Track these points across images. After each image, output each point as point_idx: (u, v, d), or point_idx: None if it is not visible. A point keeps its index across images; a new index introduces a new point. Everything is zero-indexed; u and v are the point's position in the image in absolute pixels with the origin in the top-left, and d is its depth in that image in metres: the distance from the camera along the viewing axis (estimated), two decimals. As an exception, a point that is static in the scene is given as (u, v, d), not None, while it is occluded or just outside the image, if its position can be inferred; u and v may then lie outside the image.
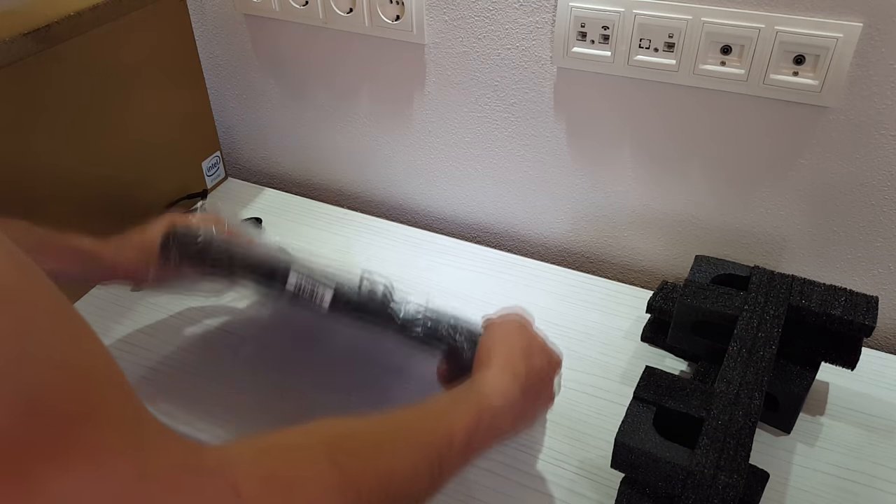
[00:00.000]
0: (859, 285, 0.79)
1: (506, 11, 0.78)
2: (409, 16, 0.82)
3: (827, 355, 0.65)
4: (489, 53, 0.82)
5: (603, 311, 0.81)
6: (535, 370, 0.55)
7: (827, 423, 0.67)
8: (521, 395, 0.53)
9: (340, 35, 0.89)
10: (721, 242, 0.83)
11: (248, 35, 0.96)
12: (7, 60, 0.68)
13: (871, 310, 0.62)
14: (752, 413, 0.55)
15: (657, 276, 0.90)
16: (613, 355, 0.75)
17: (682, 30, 0.70)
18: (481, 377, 0.53)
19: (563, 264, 0.91)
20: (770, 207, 0.78)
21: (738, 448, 0.52)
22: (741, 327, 0.62)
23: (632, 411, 0.57)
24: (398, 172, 0.99)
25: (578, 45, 0.75)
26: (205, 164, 1.00)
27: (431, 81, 0.88)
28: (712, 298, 0.66)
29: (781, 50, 0.67)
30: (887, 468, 0.63)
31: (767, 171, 0.76)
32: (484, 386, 0.52)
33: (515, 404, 0.52)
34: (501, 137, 0.88)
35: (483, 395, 0.51)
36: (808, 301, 0.63)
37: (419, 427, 0.45)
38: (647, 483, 0.56)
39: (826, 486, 0.62)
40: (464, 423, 0.47)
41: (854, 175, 0.72)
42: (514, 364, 0.54)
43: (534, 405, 0.57)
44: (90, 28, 0.76)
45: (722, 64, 0.70)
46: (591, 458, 0.64)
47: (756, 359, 0.59)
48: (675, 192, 0.82)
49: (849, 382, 0.71)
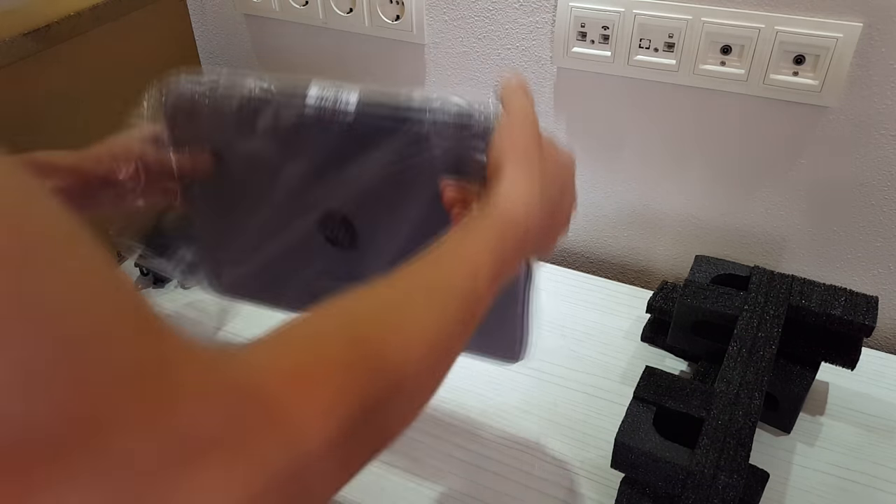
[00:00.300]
0: (859, 285, 0.79)
1: (506, 11, 0.78)
2: (409, 16, 0.82)
3: (827, 355, 0.65)
4: (489, 53, 0.82)
5: (603, 311, 0.81)
6: (552, 165, 0.50)
7: (827, 423, 0.67)
8: (543, 200, 0.47)
9: (340, 35, 0.89)
10: (721, 242, 0.83)
11: (248, 35, 0.96)
12: (7, 60, 0.68)
13: (871, 310, 0.62)
14: (752, 413, 0.55)
15: (657, 276, 0.90)
16: (613, 355, 0.75)
17: (682, 30, 0.70)
18: (495, 189, 0.46)
19: (563, 264, 0.91)
20: (770, 207, 0.78)
21: (738, 448, 0.52)
22: (741, 327, 0.62)
23: (632, 411, 0.57)
24: (398, 172, 0.99)
25: (578, 45, 0.75)
26: (205, 164, 1.00)
27: (431, 81, 0.88)
28: (712, 298, 0.66)
29: (781, 50, 0.67)
30: (887, 468, 0.63)
31: (767, 171, 0.76)
32: (500, 198, 0.46)
33: (535, 210, 0.46)
34: (501, 137, 0.88)
35: (501, 209, 0.45)
36: (808, 301, 0.63)
37: (439, 273, 0.41)
38: (647, 483, 0.56)
39: (826, 486, 0.62)
40: (488, 249, 0.42)
41: (854, 175, 0.72)
42: (529, 162, 0.48)
43: (559, 208, 0.51)
44: (90, 28, 0.76)
45: (722, 64, 0.70)
46: (591, 458, 0.64)
47: (756, 359, 0.59)
48: (675, 192, 0.82)
49: (849, 382, 0.71)
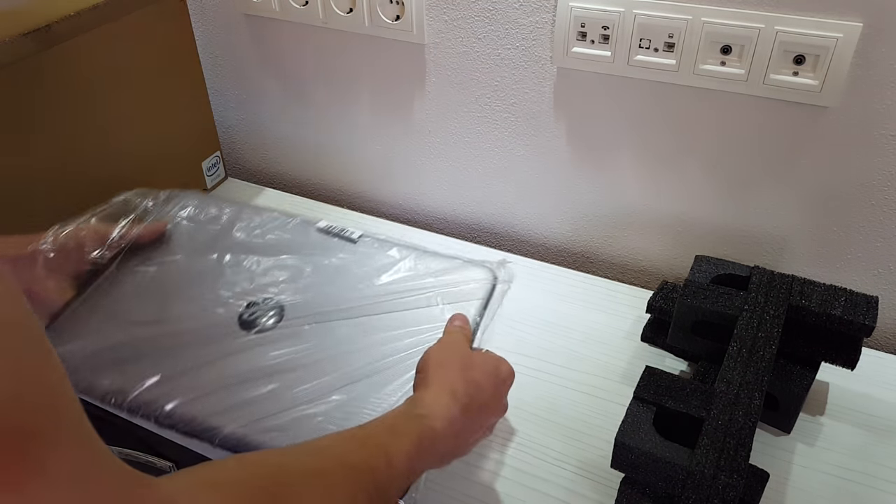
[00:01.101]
0: (859, 285, 0.79)
1: (506, 11, 0.78)
2: (409, 16, 0.82)
3: (827, 355, 0.65)
4: (489, 53, 0.82)
5: (603, 311, 0.81)
6: (475, 384, 0.55)
7: (827, 423, 0.67)
8: (463, 413, 0.52)
9: (340, 35, 0.89)
10: (721, 242, 0.83)
11: (248, 35, 0.96)
12: (7, 60, 0.68)
13: (871, 310, 0.62)
14: (752, 413, 0.55)
15: (657, 276, 0.91)
16: (613, 355, 0.75)
17: (682, 30, 0.70)
18: (419, 399, 0.52)
19: (563, 264, 0.91)
20: (770, 207, 0.78)
21: (738, 448, 0.52)
22: (741, 327, 0.62)
23: (632, 411, 0.57)
24: (398, 172, 0.99)
25: (578, 45, 0.75)
26: (205, 164, 1.00)
27: (431, 81, 0.88)
28: (712, 298, 0.66)
29: (781, 50, 0.67)
30: (887, 468, 0.63)
31: (767, 171, 0.76)
32: (422, 408, 0.51)
33: (455, 423, 0.51)
34: (501, 137, 0.88)
35: (422, 417, 0.50)
36: (808, 301, 0.63)
37: (357, 457, 0.45)
38: (647, 483, 0.56)
39: (826, 486, 0.62)
40: (404, 450, 0.46)
41: (854, 175, 0.72)
42: (451, 383, 0.53)
43: (479, 420, 0.56)
44: (90, 28, 0.76)
45: (722, 64, 0.70)
46: (591, 458, 0.64)
47: (756, 359, 0.59)
48: (675, 192, 0.82)
49: (849, 382, 0.70)
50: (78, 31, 0.75)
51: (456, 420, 0.51)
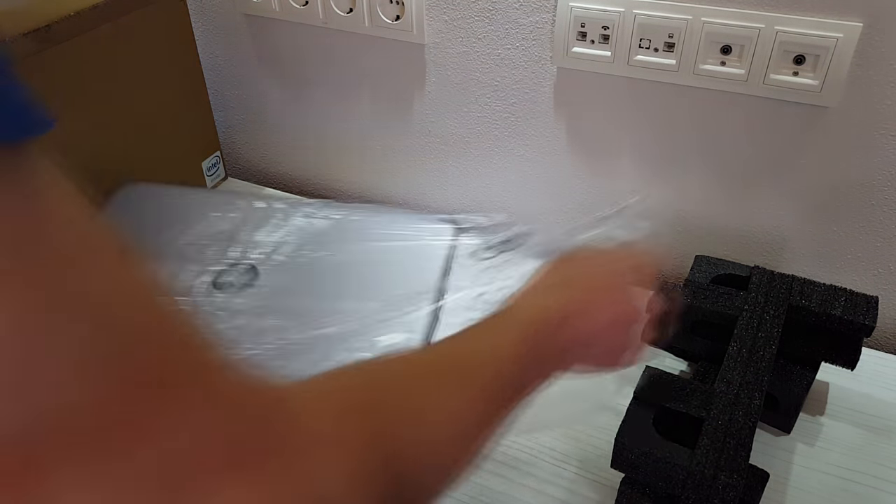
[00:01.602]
0: (859, 285, 0.78)
1: (506, 11, 0.78)
2: (409, 16, 0.82)
3: (827, 355, 0.65)
4: (489, 53, 0.82)
5: (603, 311, 0.80)
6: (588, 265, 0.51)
7: (827, 423, 0.67)
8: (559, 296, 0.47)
9: (340, 35, 0.89)
10: (721, 242, 0.83)
11: (248, 35, 0.96)
12: (7, 60, 0.68)
13: (871, 310, 0.62)
14: (752, 413, 0.55)
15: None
16: (613, 355, 0.75)
17: (682, 30, 0.70)
18: (516, 298, 0.48)
19: (563, 264, 0.91)
20: (770, 207, 0.78)
21: (738, 448, 0.52)
22: (741, 327, 0.62)
23: (632, 411, 0.57)
24: (398, 172, 0.99)
25: (578, 45, 0.75)
26: (205, 164, 1.00)
27: (431, 81, 0.88)
28: (712, 298, 0.66)
29: (781, 50, 0.67)
30: (888, 468, 0.63)
31: (767, 171, 0.76)
32: (514, 306, 0.47)
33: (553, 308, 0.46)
34: (501, 137, 0.88)
35: (516, 312, 0.46)
36: (808, 301, 0.63)
37: (467, 357, 0.41)
38: (647, 483, 0.56)
39: (826, 486, 0.62)
40: (510, 342, 0.43)
41: (854, 175, 0.72)
42: (546, 287, 0.49)
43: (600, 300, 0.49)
44: (90, 28, 0.76)
45: (722, 64, 0.70)
46: (591, 458, 0.64)
47: (756, 359, 0.59)
48: (675, 192, 0.82)
49: (849, 382, 0.70)
50: (78, 31, 0.75)
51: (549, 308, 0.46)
